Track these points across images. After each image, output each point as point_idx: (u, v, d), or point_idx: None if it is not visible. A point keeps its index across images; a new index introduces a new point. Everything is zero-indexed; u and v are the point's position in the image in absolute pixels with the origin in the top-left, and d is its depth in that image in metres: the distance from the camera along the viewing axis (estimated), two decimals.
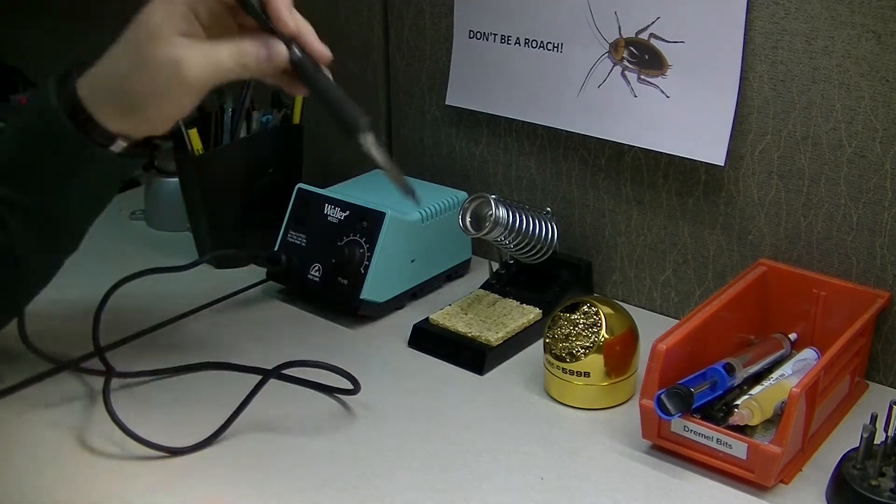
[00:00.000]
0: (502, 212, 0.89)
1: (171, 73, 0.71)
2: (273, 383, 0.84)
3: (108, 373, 0.85)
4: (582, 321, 0.84)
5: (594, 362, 0.83)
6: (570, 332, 0.84)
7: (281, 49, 0.74)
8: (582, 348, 0.83)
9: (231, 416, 0.79)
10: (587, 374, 0.83)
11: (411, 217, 0.99)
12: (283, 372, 0.85)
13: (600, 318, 0.84)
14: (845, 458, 0.73)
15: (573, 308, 0.86)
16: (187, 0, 0.72)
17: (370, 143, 0.75)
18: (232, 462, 0.74)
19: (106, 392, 0.82)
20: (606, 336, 0.83)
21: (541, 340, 0.88)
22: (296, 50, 0.74)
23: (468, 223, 0.93)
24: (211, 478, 0.75)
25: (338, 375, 0.85)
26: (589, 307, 0.85)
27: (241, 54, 0.73)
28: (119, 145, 0.75)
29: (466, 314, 0.95)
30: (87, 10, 1.48)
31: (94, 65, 0.75)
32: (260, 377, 0.83)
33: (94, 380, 0.87)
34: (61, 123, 0.73)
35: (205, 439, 0.78)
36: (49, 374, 0.87)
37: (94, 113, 0.74)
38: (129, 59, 0.72)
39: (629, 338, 0.85)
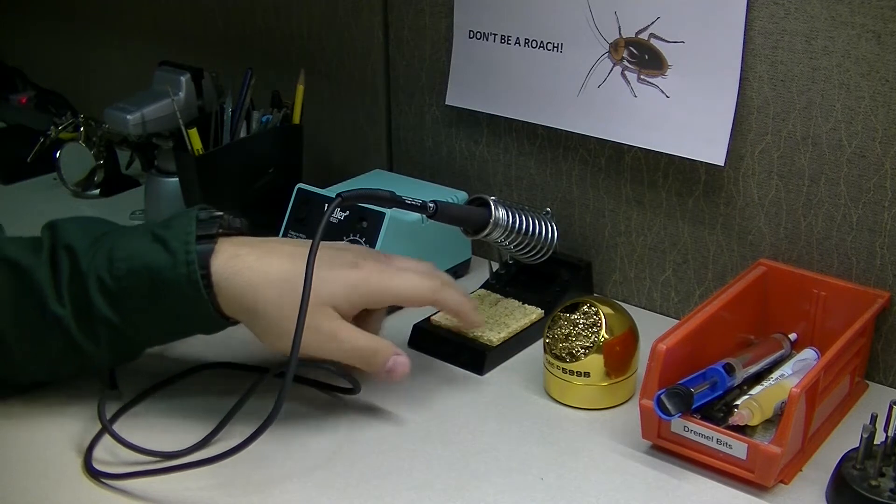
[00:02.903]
0: (502, 213, 0.89)
1: (310, 338, 0.75)
2: (273, 383, 0.84)
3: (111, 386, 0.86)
4: (582, 321, 0.84)
5: (594, 362, 0.83)
6: (570, 332, 0.84)
7: (405, 368, 0.80)
8: (582, 348, 0.83)
9: (227, 416, 0.79)
10: (587, 374, 0.83)
11: (411, 217, 0.99)
12: (283, 371, 0.85)
13: (600, 318, 0.84)
14: (845, 458, 0.73)
15: (573, 308, 0.86)
16: (347, 294, 0.78)
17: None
18: (231, 462, 0.74)
19: (102, 406, 0.81)
20: (606, 336, 0.83)
21: (541, 340, 0.88)
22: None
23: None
24: (210, 478, 0.75)
25: (338, 375, 0.85)
26: (589, 307, 0.85)
27: (369, 363, 0.79)
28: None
29: None
30: (87, 10, 1.49)
31: (237, 253, 0.78)
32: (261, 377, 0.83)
33: (92, 382, 0.87)
34: (199, 296, 0.76)
35: (202, 440, 0.78)
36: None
37: (220, 303, 0.78)
38: (279, 313, 0.77)
39: (629, 338, 0.85)
